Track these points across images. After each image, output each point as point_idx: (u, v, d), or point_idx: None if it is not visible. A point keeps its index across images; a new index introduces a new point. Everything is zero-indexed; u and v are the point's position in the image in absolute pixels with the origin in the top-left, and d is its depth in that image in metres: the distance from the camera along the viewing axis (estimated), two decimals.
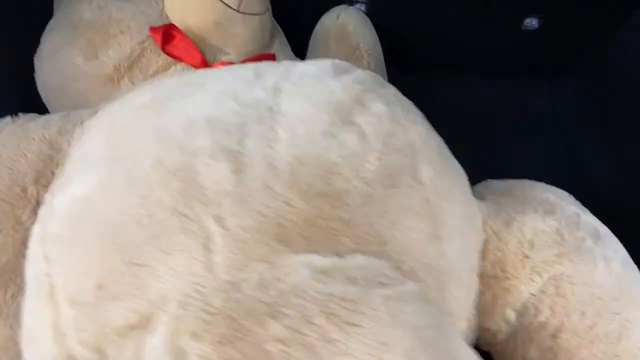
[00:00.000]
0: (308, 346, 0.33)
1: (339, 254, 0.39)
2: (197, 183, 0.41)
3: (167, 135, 0.45)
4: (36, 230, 0.50)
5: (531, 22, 1.03)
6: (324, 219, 0.40)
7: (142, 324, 0.37)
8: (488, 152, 0.89)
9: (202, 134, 0.44)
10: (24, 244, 0.57)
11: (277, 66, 0.55)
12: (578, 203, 0.63)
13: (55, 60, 0.74)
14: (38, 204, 0.58)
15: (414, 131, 0.49)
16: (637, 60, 0.93)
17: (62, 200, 0.48)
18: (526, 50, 1.10)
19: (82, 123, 0.62)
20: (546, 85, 1.17)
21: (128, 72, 0.73)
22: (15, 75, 0.77)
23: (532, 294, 0.52)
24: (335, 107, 0.46)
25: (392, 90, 0.53)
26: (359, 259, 0.39)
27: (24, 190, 0.58)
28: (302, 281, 0.36)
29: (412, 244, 0.44)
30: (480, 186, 0.66)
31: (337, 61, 0.54)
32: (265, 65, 0.57)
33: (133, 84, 0.73)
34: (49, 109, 0.77)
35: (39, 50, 0.77)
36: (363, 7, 1.03)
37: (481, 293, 0.53)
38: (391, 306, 0.36)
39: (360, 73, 0.52)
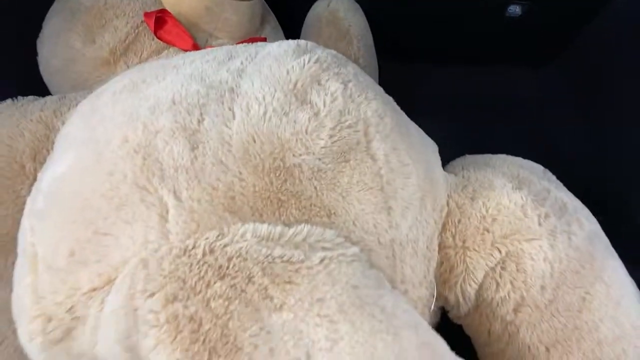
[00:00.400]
0: (248, 302, 0.36)
1: (286, 224, 0.42)
2: (157, 159, 0.44)
3: (135, 115, 0.49)
4: (27, 205, 0.54)
5: (515, 9, 1.01)
6: (274, 192, 0.43)
7: (104, 286, 0.41)
8: (471, 135, 0.89)
9: (165, 114, 0.47)
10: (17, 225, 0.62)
11: (249, 48, 0.58)
12: (553, 178, 0.63)
13: (56, 44, 0.78)
14: (35, 179, 0.63)
15: (369, 108, 0.51)
16: (619, 44, 0.91)
17: (45, 178, 0.53)
18: (510, 37, 1.08)
19: (76, 105, 0.66)
20: (532, 72, 1.16)
21: (124, 56, 0.77)
22: (17, 59, 0.81)
23: (491, 268, 0.54)
24: (291, 86, 0.48)
25: (351, 69, 0.55)
26: (305, 228, 0.41)
27: (22, 167, 0.63)
28: (247, 246, 0.38)
29: (362, 216, 0.46)
30: (458, 161, 0.67)
31: (302, 42, 0.56)
32: (240, 47, 0.60)
33: (128, 67, 0.77)
34: (50, 90, 0.81)
35: (40, 35, 0.81)
36: None
37: (440, 263, 0.55)
38: (329, 266, 0.38)
39: (320, 53, 0.54)
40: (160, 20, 0.77)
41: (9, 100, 0.68)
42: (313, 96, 0.48)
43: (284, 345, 0.35)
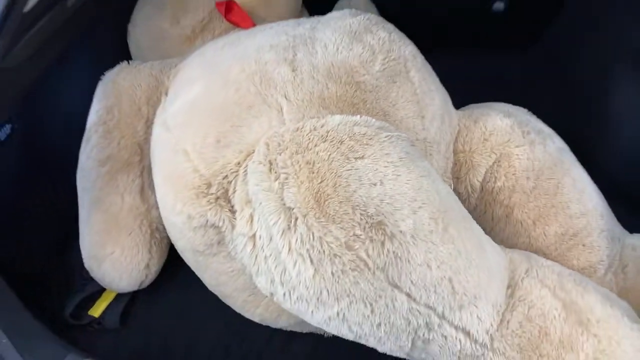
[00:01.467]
0: (342, 153, 0.57)
1: (359, 116, 0.64)
2: (270, 78, 0.67)
3: (245, 55, 0.72)
4: (159, 125, 0.76)
5: (499, 6, 1.26)
6: (349, 98, 0.66)
7: (245, 159, 0.63)
8: None
9: (268, 52, 0.70)
10: (139, 145, 0.84)
11: (312, 18, 0.81)
12: (533, 115, 0.86)
13: (147, 26, 1.01)
14: (148, 119, 0.85)
15: (407, 49, 0.75)
16: (590, 26, 1.12)
17: (175, 106, 0.75)
18: (497, 29, 1.32)
19: (175, 65, 0.88)
20: (517, 60, 1.37)
21: (201, 34, 0.99)
22: (115, 41, 1.04)
23: (490, 166, 0.76)
24: (352, 33, 0.71)
25: (391, 26, 0.78)
26: (370, 119, 0.63)
27: (139, 109, 0.85)
28: (337, 124, 0.60)
29: (405, 119, 0.69)
30: (463, 108, 0.90)
31: (353, 10, 0.80)
32: (304, 19, 0.83)
33: (204, 43, 0.99)
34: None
35: (132, 20, 1.03)
36: None
37: (454, 164, 0.77)
38: (391, 139, 0.60)
39: (369, 14, 0.77)
40: (228, 7, 1.00)
41: (124, 63, 0.90)
42: (368, 39, 0.72)
43: (366, 176, 0.56)
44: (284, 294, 0.58)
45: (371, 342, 0.60)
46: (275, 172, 0.58)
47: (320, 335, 0.79)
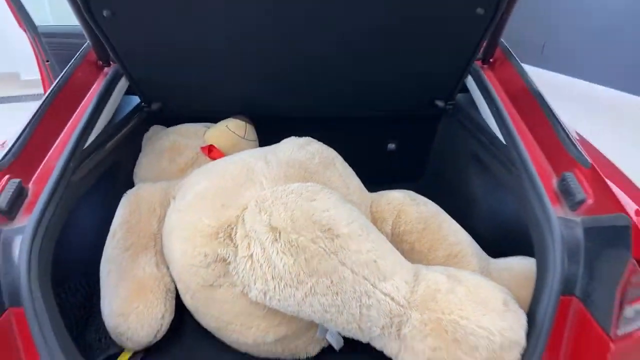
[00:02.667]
0: (303, 198, 0.98)
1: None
2: (253, 169, 1.11)
3: (234, 161, 1.17)
4: (174, 213, 1.14)
5: (392, 146, 1.86)
6: (302, 176, 1.11)
7: (241, 212, 1.02)
8: None
9: (249, 157, 1.15)
10: (153, 235, 1.19)
11: (273, 145, 1.30)
12: (416, 194, 1.33)
13: (150, 166, 1.44)
14: (160, 216, 1.22)
15: (332, 153, 1.24)
16: (448, 150, 1.73)
17: (186, 199, 1.14)
18: (392, 165, 1.90)
19: (178, 183, 1.29)
20: (413, 187, 1.93)
21: (191, 167, 1.43)
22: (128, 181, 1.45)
23: (394, 219, 1.20)
24: (299, 145, 1.21)
25: (320, 142, 1.28)
26: (316, 184, 1.06)
27: (154, 209, 1.23)
28: (297, 185, 1.02)
29: (337, 187, 1.13)
30: None
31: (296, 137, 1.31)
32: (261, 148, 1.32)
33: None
34: None
35: (138, 163, 1.47)
36: None
37: (372, 221, 1.20)
38: (331, 191, 1.03)
39: (305, 138, 1.27)
40: (210, 149, 1.47)
41: (142, 183, 1.30)
42: (309, 148, 1.20)
43: (319, 208, 0.97)
44: (275, 287, 0.91)
45: (334, 315, 0.91)
46: (264, 212, 0.96)
47: None
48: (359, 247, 0.92)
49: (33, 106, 1.19)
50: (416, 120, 1.77)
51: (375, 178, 1.56)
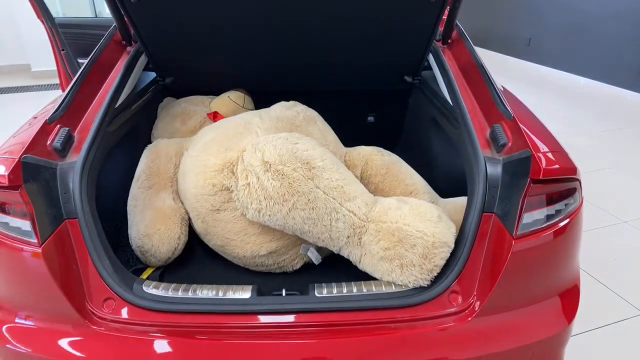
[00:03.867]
0: (289, 142, 1.28)
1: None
2: (250, 122, 1.41)
3: (234, 118, 1.46)
4: (187, 158, 1.44)
5: (371, 118, 2.16)
6: (288, 128, 1.41)
7: (241, 153, 1.31)
8: None
9: (246, 115, 1.45)
10: (170, 178, 1.49)
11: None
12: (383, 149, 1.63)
13: (165, 128, 1.74)
14: (176, 164, 1.52)
15: (313, 113, 1.54)
16: (416, 119, 2.04)
17: (197, 147, 1.44)
18: (370, 135, 2.21)
19: (189, 139, 1.59)
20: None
21: (198, 129, 1.73)
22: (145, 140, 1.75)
23: (362, 165, 1.50)
24: (286, 107, 1.51)
25: (305, 105, 1.58)
26: (300, 134, 1.36)
27: (171, 158, 1.53)
28: (283, 134, 1.32)
29: (317, 137, 1.43)
30: None
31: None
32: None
33: None
34: None
35: (155, 126, 1.76)
36: None
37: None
38: (310, 139, 1.33)
39: (292, 101, 1.57)
40: (214, 115, 1.77)
41: (159, 139, 1.60)
42: (295, 108, 1.50)
43: (302, 147, 1.27)
44: (266, 205, 1.21)
45: (310, 227, 1.21)
46: (258, 150, 1.26)
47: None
48: (330, 176, 1.22)
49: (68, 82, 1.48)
50: (391, 95, 2.08)
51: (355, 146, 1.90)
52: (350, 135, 1.86)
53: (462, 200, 1.45)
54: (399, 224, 1.17)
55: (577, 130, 3.95)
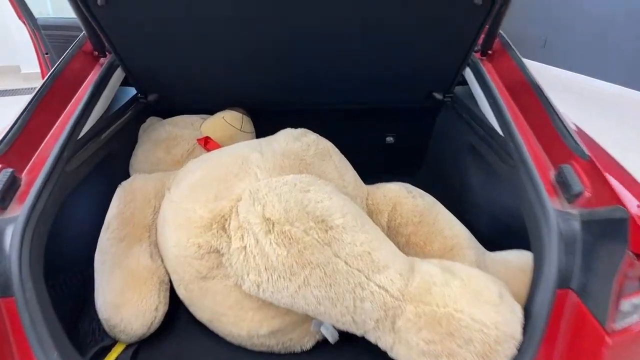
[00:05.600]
0: (297, 189, 0.97)
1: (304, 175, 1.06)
2: (248, 159, 1.09)
3: (229, 152, 1.15)
4: (167, 203, 1.13)
5: (390, 139, 1.85)
6: (296, 167, 1.10)
7: (236, 203, 1.01)
8: None
9: (244, 148, 1.14)
10: (148, 226, 1.18)
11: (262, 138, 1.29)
12: (413, 186, 1.32)
13: (147, 157, 1.43)
14: (156, 207, 1.21)
15: (327, 144, 1.23)
16: (446, 142, 1.71)
17: (180, 188, 1.13)
18: (390, 158, 1.89)
19: (173, 174, 1.28)
20: (410, 180, 1.94)
21: (187, 158, 1.42)
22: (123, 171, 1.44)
23: (389, 211, 1.19)
24: (294, 136, 1.19)
25: (316, 134, 1.27)
26: (311, 176, 1.05)
27: (149, 201, 1.22)
28: (292, 177, 1.01)
29: (332, 180, 1.12)
30: None
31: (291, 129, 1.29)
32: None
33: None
34: None
35: (134, 154, 1.45)
36: None
37: (368, 213, 1.19)
38: (325, 182, 1.02)
39: (301, 129, 1.26)
40: (206, 141, 1.46)
41: (137, 174, 1.29)
42: (304, 139, 1.19)
43: (314, 199, 0.96)
44: (268, 278, 0.91)
45: (327, 308, 0.90)
46: (258, 202, 0.95)
47: None
48: (353, 239, 0.91)
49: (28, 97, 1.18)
50: (414, 113, 1.76)
51: (373, 170, 1.56)
52: (365, 158, 1.55)
53: (515, 258, 1.14)
54: (449, 308, 0.87)
55: (620, 143, 3.48)
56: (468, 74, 1.49)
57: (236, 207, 1.00)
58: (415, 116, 1.78)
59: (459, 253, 1.15)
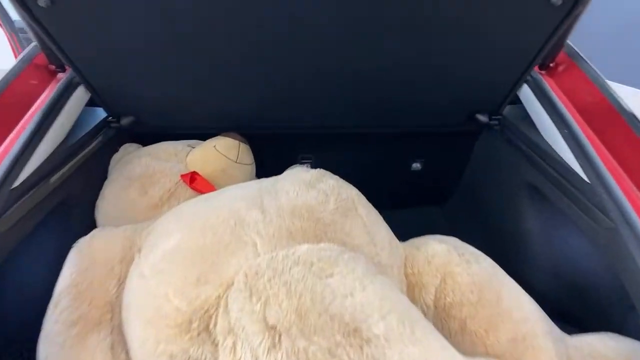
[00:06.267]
0: (314, 274, 0.67)
1: (322, 244, 0.75)
2: (243, 220, 0.78)
3: (219, 206, 0.83)
4: (136, 276, 0.81)
5: (417, 165, 1.54)
6: (312, 230, 0.78)
7: (225, 291, 0.69)
8: None
9: (239, 201, 0.83)
10: (110, 304, 0.87)
11: (271, 177, 0.97)
12: (463, 242, 1.01)
13: (117, 198, 1.11)
14: (121, 277, 0.90)
15: (352, 192, 0.91)
16: (489, 174, 1.39)
17: (153, 257, 0.82)
18: (417, 185, 1.58)
19: (147, 227, 0.97)
20: (437, 210, 1.63)
21: (167, 202, 1.11)
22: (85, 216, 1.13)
23: (437, 285, 0.87)
24: (307, 182, 0.87)
25: (336, 176, 0.96)
26: (332, 245, 0.74)
27: (112, 268, 0.90)
28: (305, 250, 0.71)
29: (360, 246, 0.81)
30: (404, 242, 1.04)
31: (304, 167, 0.98)
32: (263, 178, 0.99)
33: (170, 208, 1.10)
34: None
35: (102, 194, 1.14)
36: (308, 165, 1.50)
37: (408, 286, 0.87)
38: (354, 259, 0.71)
39: (318, 169, 0.94)
40: (192, 177, 1.15)
41: (98, 229, 0.98)
42: (321, 186, 0.87)
43: (338, 290, 0.65)
44: None
45: None
46: (257, 296, 0.65)
47: None
48: (401, 357, 0.60)
49: None
50: (449, 137, 1.45)
51: (395, 200, 1.30)
52: (385, 187, 1.26)
53: (610, 349, 0.83)
54: None
55: None
56: (524, 91, 1.18)
57: (226, 296, 0.69)
58: (449, 140, 1.47)
59: (533, 344, 0.83)
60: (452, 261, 0.91)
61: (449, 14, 0.92)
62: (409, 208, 1.63)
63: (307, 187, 0.88)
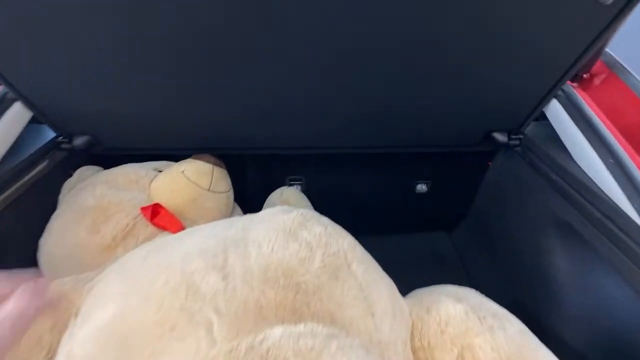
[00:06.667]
0: None
1: (303, 324, 0.56)
2: (197, 290, 0.58)
3: (170, 264, 0.64)
4: (64, 356, 0.62)
5: (422, 187, 1.34)
6: (290, 303, 0.58)
7: None
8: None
9: (196, 260, 0.63)
10: None
11: (243, 217, 0.77)
12: (482, 295, 0.82)
13: (63, 237, 0.92)
14: (51, 349, 0.71)
15: (344, 242, 0.70)
16: (507, 201, 1.21)
17: (84, 331, 0.62)
18: (422, 210, 1.39)
19: (91, 280, 0.78)
20: (445, 236, 1.45)
21: (123, 242, 0.92)
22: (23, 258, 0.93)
23: None
24: (287, 230, 0.67)
25: (325, 219, 0.76)
26: (316, 327, 0.55)
27: (41, 338, 0.71)
28: (279, 338, 0.51)
29: (355, 319, 0.61)
30: (411, 294, 0.85)
31: (285, 206, 0.78)
32: (235, 217, 0.79)
33: (126, 251, 0.91)
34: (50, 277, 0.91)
35: (46, 232, 0.94)
36: (299, 187, 1.31)
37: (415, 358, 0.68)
38: (344, 350, 0.52)
39: (302, 210, 0.75)
40: (154, 211, 0.96)
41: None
42: (304, 235, 0.67)
43: None
44: None
45: None
46: None
47: None
48: None
49: None
50: (458, 157, 1.26)
51: (397, 225, 1.26)
52: (386, 211, 1.22)
53: None
54: None
55: None
56: (552, 107, 0.99)
57: None
58: (460, 160, 1.28)
59: None
60: (471, 329, 0.71)
61: (466, 6, 0.72)
62: (413, 233, 1.44)
63: (287, 236, 0.68)
